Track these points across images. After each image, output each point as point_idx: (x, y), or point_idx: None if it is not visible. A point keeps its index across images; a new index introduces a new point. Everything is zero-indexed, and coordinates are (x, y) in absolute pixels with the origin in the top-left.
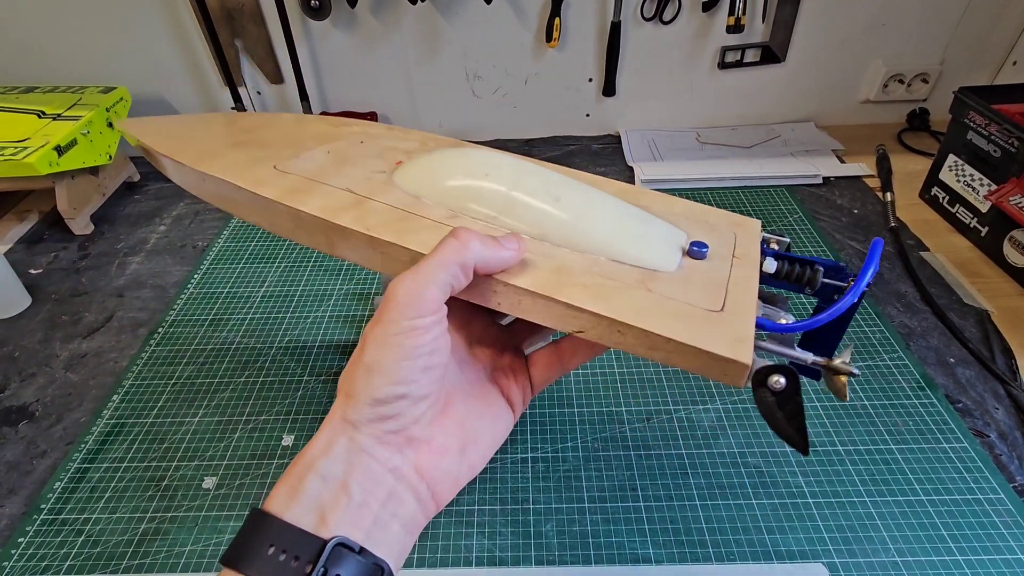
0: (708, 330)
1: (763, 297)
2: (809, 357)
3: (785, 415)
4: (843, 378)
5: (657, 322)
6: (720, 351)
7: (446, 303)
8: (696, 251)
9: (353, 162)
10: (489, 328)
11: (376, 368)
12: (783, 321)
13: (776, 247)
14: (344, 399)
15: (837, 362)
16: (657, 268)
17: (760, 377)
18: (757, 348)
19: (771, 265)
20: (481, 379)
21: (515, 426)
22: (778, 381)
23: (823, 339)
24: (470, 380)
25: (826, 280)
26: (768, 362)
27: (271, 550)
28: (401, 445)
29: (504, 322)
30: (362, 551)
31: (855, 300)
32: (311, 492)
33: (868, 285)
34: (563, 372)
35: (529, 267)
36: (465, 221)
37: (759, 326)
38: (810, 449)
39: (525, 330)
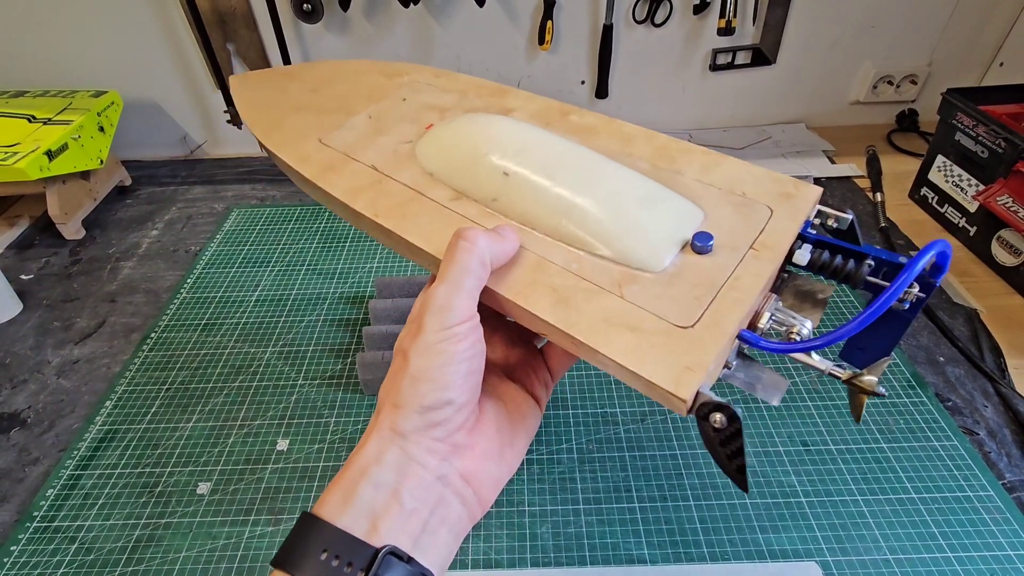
0: (659, 352)
1: (795, 291)
2: (826, 367)
3: (726, 453)
4: (865, 397)
5: (610, 338)
6: (658, 380)
7: None
8: (698, 245)
9: (388, 128)
10: (496, 328)
11: (422, 376)
12: (795, 332)
13: (835, 223)
14: (391, 409)
15: (866, 378)
16: (642, 267)
17: (703, 412)
18: (764, 349)
19: (804, 255)
20: (502, 380)
21: None
22: (719, 420)
23: (875, 336)
24: (492, 384)
25: (872, 279)
26: (713, 397)
27: (324, 555)
28: (447, 453)
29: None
30: (410, 560)
31: (863, 325)
32: (364, 499)
33: (907, 299)
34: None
35: (511, 262)
36: (464, 204)
37: (743, 340)
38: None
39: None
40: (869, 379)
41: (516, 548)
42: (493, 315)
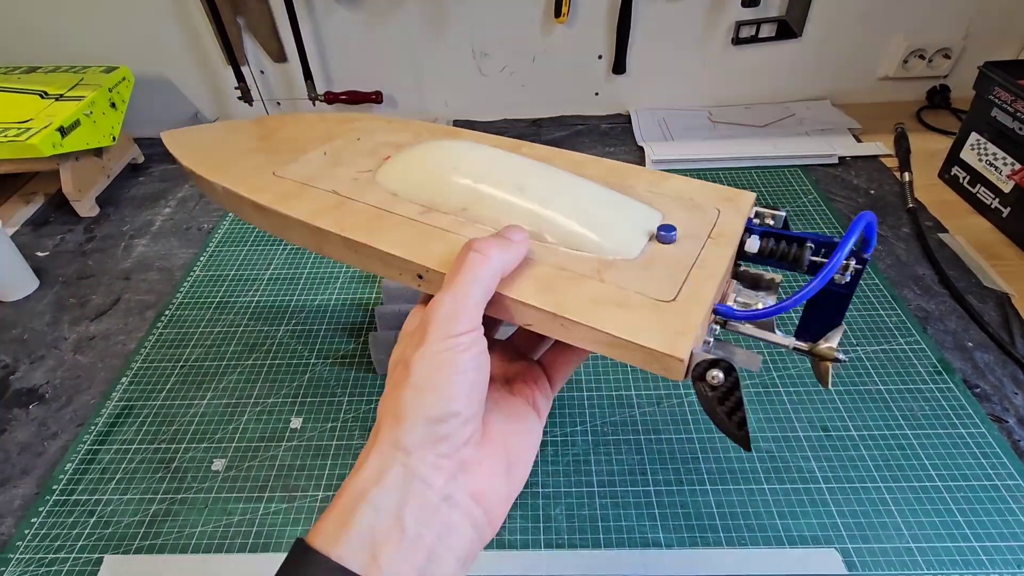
0: (650, 323)
1: (749, 279)
2: (790, 342)
3: (725, 410)
4: (827, 364)
5: (599, 315)
6: (654, 345)
7: None
8: (663, 235)
9: (345, 162)
10: (492, 345)
11: (427, 387)
12: (759, 306)
13: (771, 222)
14: (392, 423)
15: (822, 346)
16: (616, 255)
17: (699, 371)
18: (734, 331)
19: (754, 244)
20: (504, 395)
21: None
22: (716, 376)
23: (822, 315)
24: (496, 399)
25: (816, 259)
26: (708, 355)
27: None
28: (455, 471)
29: (501, 336)
30: None
31: (817, 288)
32: (363, 525)
33: (844, 268)
34: (580, 361)
35: None
36: (434, 216)
37: (718, 313)
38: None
39: (525, 339)
40: (827, 346)
41: (530, 530)
42: (487, 332)
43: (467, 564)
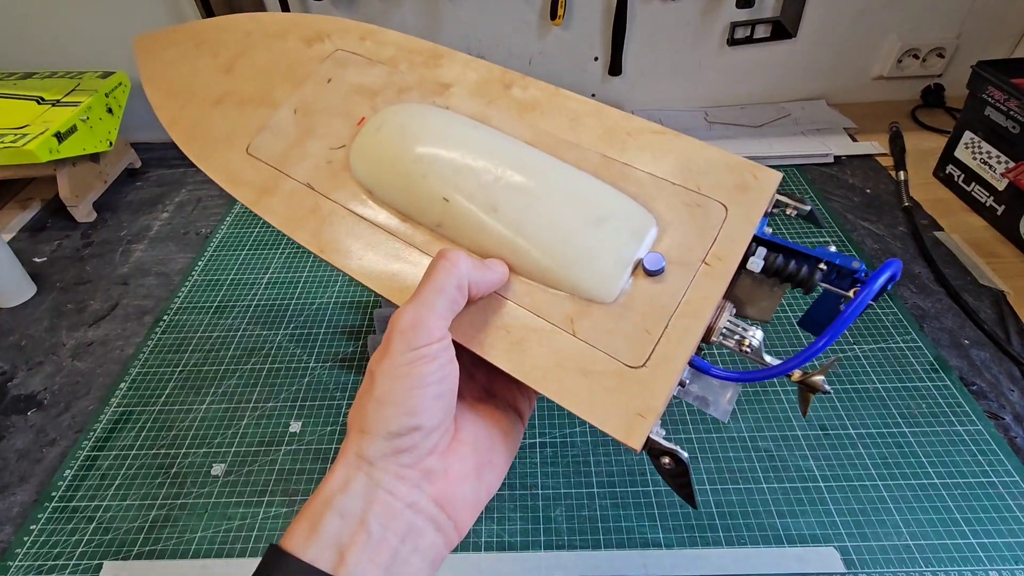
0: (612, 398)
1: (753, 277)
2: (779, 367)
3: (675, 483)
4: (811, 394)
5: (563, 385)
6: (610, 431)
7: None
8: (649, 270)
9: (316, 127)
10: None
11: (388, 400)
12: (746, 345)
13: (795, 212)
14: (357, 435)
15: (815, 378)
16: (593, 298)
17: (654, 453)
18: (720, 345)
19: (757, 263)
20: (482, 397)
21: None
22: (667, 462)
23: (822, 322)
24: (472, 401)
25: (826, 286)
26: (662, 443)
27: None
28: (418, 479)
29: None
30: None
31: (823, 349)
32: (330, 530)
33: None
34: None
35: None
36: (409, 229)
37: (695, 367)
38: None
39: None
40: (818, 379)
41: (530, 531)
42: None
43: (435, 564)
